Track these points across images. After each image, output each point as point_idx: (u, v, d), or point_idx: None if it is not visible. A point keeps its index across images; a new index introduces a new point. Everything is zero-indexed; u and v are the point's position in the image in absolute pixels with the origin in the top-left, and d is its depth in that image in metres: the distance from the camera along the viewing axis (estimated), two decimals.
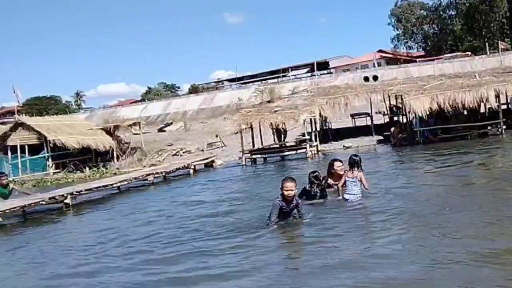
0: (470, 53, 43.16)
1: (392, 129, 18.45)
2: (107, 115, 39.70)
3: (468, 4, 49.55)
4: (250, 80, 54.23)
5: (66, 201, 10.89)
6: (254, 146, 18.93)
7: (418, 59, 49.34)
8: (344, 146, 18.71)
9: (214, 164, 18.10)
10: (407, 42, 59.42)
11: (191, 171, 16.24)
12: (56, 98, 75.71)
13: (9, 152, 22.19)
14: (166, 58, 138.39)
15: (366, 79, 29.02)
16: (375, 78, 28.29)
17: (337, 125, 23.19)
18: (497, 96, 17.12)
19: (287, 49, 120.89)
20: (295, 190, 6.47)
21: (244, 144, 17.87)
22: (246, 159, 17.43)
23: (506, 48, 38.27)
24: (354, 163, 7.71)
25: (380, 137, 19.50)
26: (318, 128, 19.78)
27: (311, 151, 17.29)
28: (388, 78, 30.02)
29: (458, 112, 17.37)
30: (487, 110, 18.71)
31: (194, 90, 58.02)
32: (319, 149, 18.19)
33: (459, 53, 44.79)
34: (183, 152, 22.63)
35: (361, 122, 22.72)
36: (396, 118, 21.20)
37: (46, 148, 21.84)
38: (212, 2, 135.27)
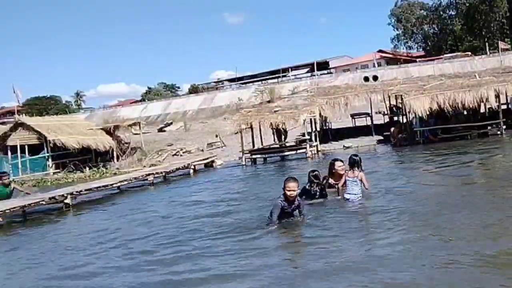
0: (470, 53, 43.16)
1: (392, 129, 18.44)
2: (107, 115, 39.76)
3: (468, 4, 49.53)
4: (250, 80, 54.25)
5: (66, 201, 10.88)
6: (254, 146, 18.92)
7: (418, 59, 49.34)
8: (344, 146, 18.70)
9: (214, 164, 18.09)
10: (407, 42, 59.41)
11: (191, 171, 16.23)
12: (56, 98, 75.76)
13: (9, 152, 22.18)
14: (166, 58, 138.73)
15: (366, 79, 29.06)
16: (375, 78, 28.31)
17: (337, 125, 23.19)
18: (497, 96, 17.11)
19: (287, 49, 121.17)
20: (297, 190, 6.47)
21: (244, 144, 17.86)
22: (246, 159, 17.42)
23: (506, 48, 38.21)
24: (354, 163, 7.73)
25: (380, 137, 19.48)
26: (318, 128, 19.77)
27: (311, 151, 17.28)
28: (388, 78, 30.02)
29: (458, 112, 17.36)
30: (487, 110, 18.69)
31: (194, 90, 58.02)
32: (319, 149, 18.18)
33: (459, 53, 44.79)
34: (183, 152, 22.62)
35: (361, 122, 22.71)
36: (396, 118, 21.20)
37: (46, 148, 21.83)
38: (212, 2, 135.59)
